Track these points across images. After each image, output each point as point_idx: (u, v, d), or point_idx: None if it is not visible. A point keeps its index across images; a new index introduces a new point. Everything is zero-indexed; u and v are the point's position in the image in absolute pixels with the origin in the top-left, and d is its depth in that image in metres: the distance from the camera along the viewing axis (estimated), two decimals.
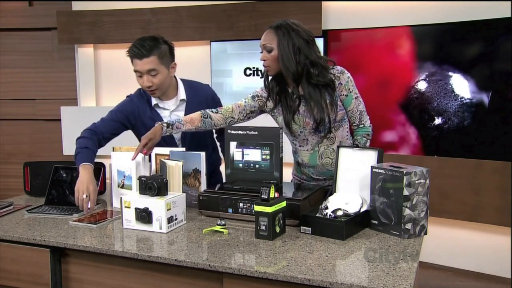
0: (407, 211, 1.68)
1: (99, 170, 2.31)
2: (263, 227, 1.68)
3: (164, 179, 1.88)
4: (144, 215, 1.82)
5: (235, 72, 4.24)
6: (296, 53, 2.02)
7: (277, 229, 1.71)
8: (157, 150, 2.24)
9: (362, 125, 2.14)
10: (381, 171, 1.76)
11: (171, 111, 2.33)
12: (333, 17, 3.84)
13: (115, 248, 1.66)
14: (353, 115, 2.13)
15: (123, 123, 2.33)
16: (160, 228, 1.80)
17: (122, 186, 2.14)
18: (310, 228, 1.75)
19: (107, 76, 4.63)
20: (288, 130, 2.16)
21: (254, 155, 2.01)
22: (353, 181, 1.92)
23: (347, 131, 2.18)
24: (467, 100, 3.43)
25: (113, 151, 2.21)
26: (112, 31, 4.40)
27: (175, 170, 2.06)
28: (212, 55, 4.27)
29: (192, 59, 4.40)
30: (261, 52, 2.11)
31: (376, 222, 1.79)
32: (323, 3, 3.82)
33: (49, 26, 4.57)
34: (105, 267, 1.72)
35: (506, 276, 3.41)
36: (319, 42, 3.87)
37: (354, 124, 2.15)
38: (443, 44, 3.51)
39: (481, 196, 3.43)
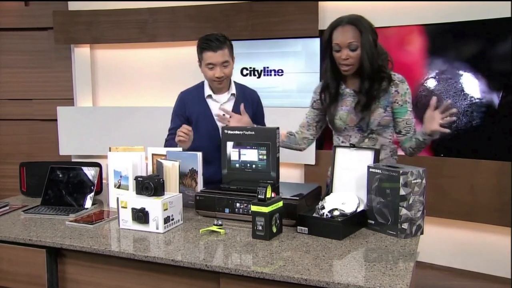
0: (403, 211, 1.69)
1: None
2: (260, 227, 1.68)
3: (161, 179, 1.88)
4: (141, 215, 1.82)
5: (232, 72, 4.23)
6: (374, 48, 1.98)
7: (274, 229, 1.71)
8: (153, 150, 2.24)
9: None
10: (378, 171, 1.76)
11: (221, 103, 2.41)
12: (330, 17, 3.80)
13: (111, 248, 1.65)
14: (408, 125, 2.06)
15: (185, 114, 2.45)
16: (157, 228, 1.80)
17: (119, 186, 2.13)
18: (306, 228, 1.75)
19: (103, 76, 4.62)
20: (331, 125, 2.16)
21: (251, 155, 2.01)
22: (350, 181, 1.93)
23: (390, 137, 2.12)
24: (477, 100, 3.43)
25: (110, 151, 2.21)
26: (109, 31, 4.39)
27: (171, 170, 2.06)
28: None
29: (189, 59, 4.37)
30: (338, 51, 2.01)
31: (373, 222, 1.79)
32: (320, 3, 3.82)
33: (45, 26, 4.55)
34: (101, 268, 1.72)
35: (503, 276, 3.42)
36: (316, 42, 3.88)
37: (408, 133, 2.07)
38: (441, 44, 3.51)
39: (478, 195, 3.44)
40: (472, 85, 3.44)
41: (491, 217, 3.41)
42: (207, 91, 2.44)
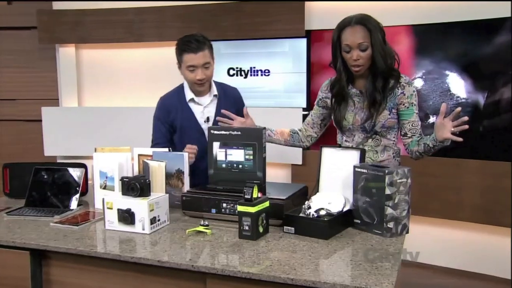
0: (389, 210, 1.70)
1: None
2: (247, 227, 1.68)
3: (147, 180, 1.87)
4: (127, 216, 1.80)
5: (219, 72, 4.22)
6: (383, 48, 1.98)
7: (261, 229, 1.71)
8: (139, 150, 2.23)
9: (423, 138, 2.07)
10: (364, 170, 1.78)
11: (205, 106, 2.39)
12: (317, 17, 3.86)
13: (97, 250, 1.64)
14: (414, 127, 2.06)
15: (169, 130, 2.41)
16: (143, 229, 1.79)
17: (105, 187, 2.12)
18: (293, 228, 1.75)
19: (89, 76, 4.58)
20: (338, 125, 2.16)
21: (237, 155, 2.01)
22: (336, 180, 1.94)
23: (394, 139, 2.13)
24: (463, 100, 3.47)
25: (95, 151, 2.19)
26: (95, 30, 4.35)
27: (158, 170, 2.05)
28: None
29: (176, 60, 4.36)
30: (348, 52, 2.00)
31: (359, 221, 1.81)
32: (306, 3, 3.83)
33: (29, 25, 4.49)
34: (87, 269, 1.70)
35: (488, 273, 3.47)
36: (303, 43, 3.90)
37: (414, 136, 2.06)
38: (424, 44, 3.55)
39: (462, 195, 3.48)
40: (458, 85, 3.48)
41: (475, 216, 3.46)
42: (189, 94, 2.39)
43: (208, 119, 2.38)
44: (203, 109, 2.39)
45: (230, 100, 2.42)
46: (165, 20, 4.22)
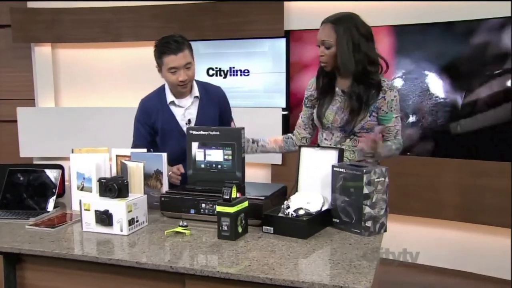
0: (367, 209, 1.71)
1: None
2: (225, 228, 1.68)
3: (125, 181, 1.85)
4: (104, 218, 1.78)
5: (198, 72, 4.20)
6: (355, 51, 1.99)
7: (240, 229, 1.71)
8: (117, 151, 2.20)
9: (398, 139, 2.12)
10: (342, 170, 1.79)
11: (186, 108, 2.35)
12: (296, 17, 3.87)
13: (74, 252, 1.62)
14: (390, 132, 2.10)
15: (149, 132, 2.38)
16: (121, 231, 1.77)
17: (82, 189, 2.09)
18: (272, 228, 1.75)
19: (66, 76, 4.52)
20: (319, 123, 2.17)
21: (216, 155, 2.00)
22: (315, 180, 1.94)
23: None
24: (441, 100, 3.52)
25: (73, 152, 2.15)
26: (71, 30, 4.29)
27: (136, 171, 2.03)
28: None
29: (153, 60, 4.32)
30: (318, 46, 2.06)
31: (338, 221, 1.82)
32: (285, 3, 3.84)
33: (2, 24, 4.40)
34: (63, 272, 1.67)
35: (468, 271, 3.53)
36: (282, 42, 3.91)
37: (387, 140, 2.10)
38: (403, 45, 3.60)
39: (440, 193, 3.54)
40: (436, 85, 3.53)
41: (453, 214, 3.52)
42: (169, 97, 2.35)
43: (189, 121, 2.34)
44: (184, 111, 2.36)
45: (212, 100, 2.39)
46: (143, 20, 4.19)
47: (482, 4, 3.30)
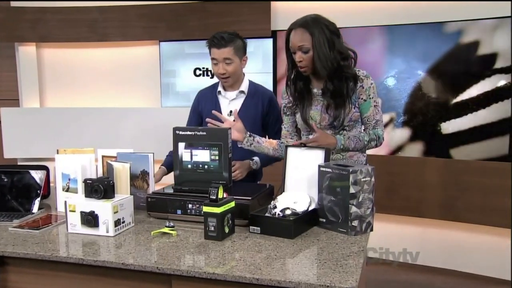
0: (353, 209, 1.72)
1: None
2: (212, 228, 1.68)
3: (111, 181, 1.84)
4: (90, 219, 1.77)
5: (185, 72, 4.20)
6: (331, 50, 2.00)
7: (226, 230, 1.71)
8: (103, 152, 2.19)
9: (375, 130, 2.12)
10: (328, 169, 1.79)
11: (230, 100, 2.46)
12: (282, 17, 3.88)
13: (59, 254, 1.60)
14: (368, 122, 2.12)
15: (198, 109, 2.54)
16: (107, 232, 1.76)
17: (67, 190, 2.07)
18: (259, 228, 1.75)
19: (51, 76, 4.47)
20: (306, 125, 2.16)
21: (202, 155, 2.00)
22: (301, 180, 1.95)
23: (360, 132, 2.16)
24: (433, 99, 3.56)
25: (57, 153, 2.13)
26: (57, 29, 4.25)
27: (122, 172, 2.02)
28: (161, 55, 4.22)
29: (141, 59, 4.32)
30: (294, 53, 2.06)
31: (324, 220, 1.82)
32: (272, 3, 3.85)
33: None
34: (48, 274, 1.65)
35: (453, 269, 3.58)
36: (269, 43, 3.92)
37: (366, 130, 2.14)
38: (394, 45, 3.62)
39: (425, 192, 3.58)
40: (428, 85, 3.56)
41: (437, 212, 3.55)
42: (219, 87, 2.50)
43: (231, 112, 2.44)
44: (229, 102, 2.45)
45: (257, 99, 2.45)
46: (129, 20, 4.17)
47: (473, 4, 3.34)
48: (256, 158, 2.39)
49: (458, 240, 3.60)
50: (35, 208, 2.09)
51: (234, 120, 2.21)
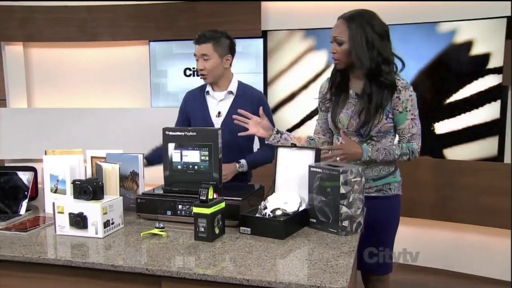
0: (344, 209, 1.72)
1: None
2: (202, 229, 1.67)
3: (100, 182, 1.82)
4: (79, 220, 1.75)
5: (175, 72, 4.18)
6: (369, 49, 1.93)
7: (217, 230, 1.70)
8: (92, 152, 2.17)
9: (411, 144, 2.02)
10: (319, 170, 1.79)
11: (219, 100, 2.45)
12: (273, 17, 3.88)
13: (47, 256, 1.58)
14: (403, 135, 2.02)
15: (185, 120, 2.54)
16: (96, 233, 1.74)
17: (56, 191, 2.04)
18: (249, 229, 1.75)
19: (39, 76, 4.42)
20: (333, 126, 2.11)
21: (192, 156, 1.99)
22: (292, 180, 1.95)
23: (390, 143, 2.06)
24: (426, 100, 3.57)
25: (46, 154, 2.11)
26: (45, 28, 4.20)
27: (111, 173, 2.00)
28: (151, 55, 4.19)
29: (130, 59, 4.29)
30: (331, 42, 2.01)
31: (315, 221, 1.82)
32: (262, 3, 3.85)
33: None
34: (36, 277, 1.63)
35: (441, 268, 3.60)
36: (259, 43, 3.91)
37: (400, 143, 2.04)
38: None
39: (417, 192, 3.59)
40: (421, 85, 3.57)
41: (428, 212, 3.57)
42: (207, 87, 2.49)
43: (219, 113, 2.42)
44: (217, 103, 2.44)
45: (246, 101, 2.42)
46: (119, 19, 4.13)
47: (467, 4, 3.36)
48: (243, 161, 2.36)
49: (450, 240, 3.62)
50: (22, 210, 2.07)
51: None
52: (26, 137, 4.14)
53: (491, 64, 3.33)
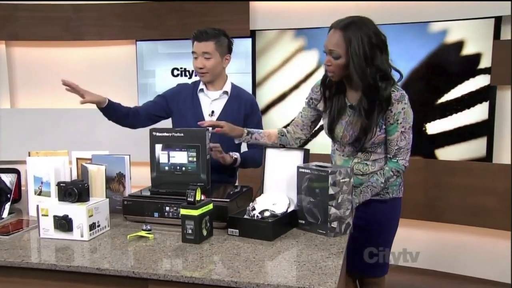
0: (332, 210, 1.72)
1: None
2: (190, 231, 1.65)
3: (85, 184, 1.79)
4: (64, 223, 1.72)
5: (162, 72, 4.15)
6: (368, 65, 1.83)
7: (204, 232, 1.68)
8: (78, 154, 2.14)
9: (396, 160, 1.97)
10: (307, 170, 1.78)
11: (212, 100, 2.41)
12: (261, 17, 3.87)
13: (30, 260, 1.54)
14: (390, 146, 1.96)
15: (161, 106, 2.45)
16: (82, 236, 1.71)
17: (40, 193, 2.01)
18: (237, 230, 1.73)
19: (23, 75, 4.35)
20: (330, 135, 2.07)
21: (180, 157, 1.97)
22: (280, 181, 1.94)
23: (384, 153, 2.03)
24: (416, 100, 3.56)
25: (29, 156, 2.07)
26: (28, 27, 4.13)
27: (97, 174, 1.97)
28: (138, 55, 4.15)
29: (117, 59, 4.25)
30: (325, 52, 1.91)
31: (303, 222, 1.81)
32: (251, 3, 3.83)
33: None
34: (19, 282, 1.59)
35: (429, 268, 3.61)
36: (248, 43, 3.89)
37: (388, 155, 2.00)
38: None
39: (406, 192, 3.60)
40: (411, 85, 3.57)
41: (419, 213, 3.57)
42: (201, 85, 2.44)
43: (212, 113, 2.39)
44: (211, 102, 2.41)
45: (241, 101, 2.41)
46: (105, 18, 4.08)
47: (458, 4, 3.37)
48: (237, 154, 2.33)
49: (439, 240, 3.63)
50: (5, 213, 2.02)
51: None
52: (9, 139, 4.08)
53: (482, 64, 3.34)
